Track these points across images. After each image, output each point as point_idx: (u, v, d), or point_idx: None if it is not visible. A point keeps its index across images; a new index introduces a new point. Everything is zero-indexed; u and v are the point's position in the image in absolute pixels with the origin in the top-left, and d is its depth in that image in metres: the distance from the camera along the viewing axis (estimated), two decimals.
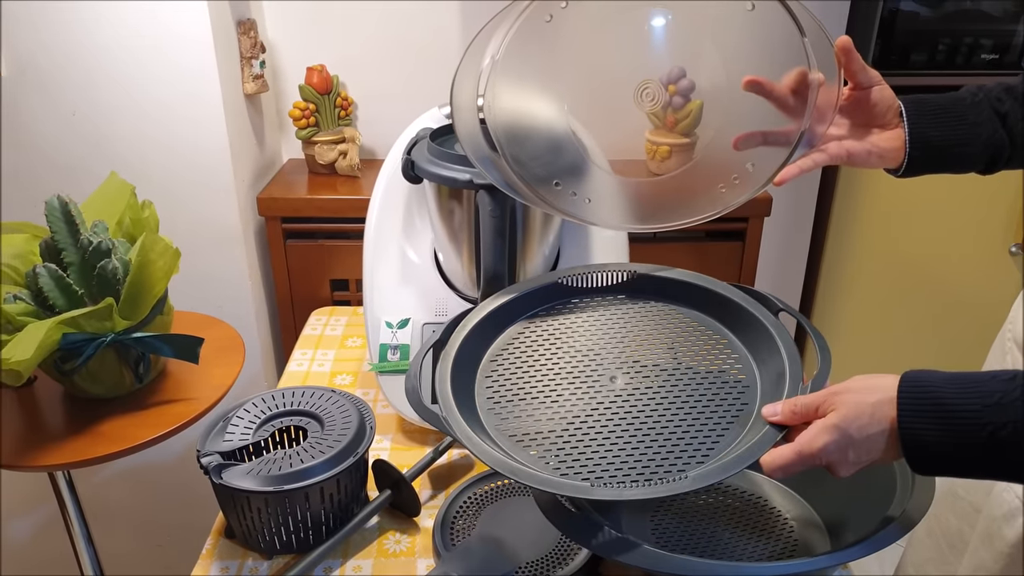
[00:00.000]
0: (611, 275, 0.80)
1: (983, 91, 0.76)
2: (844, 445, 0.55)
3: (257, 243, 1.44)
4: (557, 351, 0.73)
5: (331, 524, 0.78)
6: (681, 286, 0.78)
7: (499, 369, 0.72)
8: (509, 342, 0.75)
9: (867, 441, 0.55)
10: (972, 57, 1.55)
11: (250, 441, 0.79)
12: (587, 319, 0.77)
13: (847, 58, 0.73)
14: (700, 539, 0.72)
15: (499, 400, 0.69)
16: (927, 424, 0.53)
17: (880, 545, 0.59)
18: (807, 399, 0.59)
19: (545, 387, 0.70)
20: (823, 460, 0.56)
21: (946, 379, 0.54)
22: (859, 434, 0.55)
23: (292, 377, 1.09)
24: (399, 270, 1.00)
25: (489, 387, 0.71)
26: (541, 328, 0.76)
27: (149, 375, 1.01)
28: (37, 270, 0.89)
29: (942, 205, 1.55)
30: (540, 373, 0.71)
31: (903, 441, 0.54)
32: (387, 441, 0.96)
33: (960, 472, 0.55)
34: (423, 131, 0.97)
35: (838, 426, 0.55)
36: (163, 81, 1.25)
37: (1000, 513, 0.78)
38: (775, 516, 0.74)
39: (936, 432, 0.53)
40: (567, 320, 0.77)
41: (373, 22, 1.48)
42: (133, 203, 1.02)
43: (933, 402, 0.53)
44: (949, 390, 0.53)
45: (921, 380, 0.55)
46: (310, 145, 1.48)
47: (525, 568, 0.74)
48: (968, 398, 0.52)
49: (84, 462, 0.90)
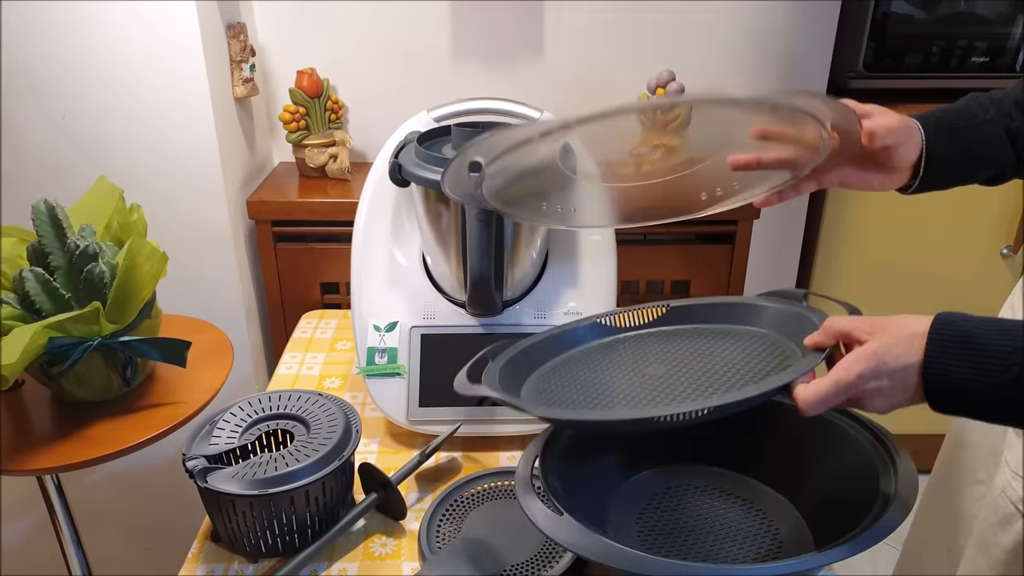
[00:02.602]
0: (647, 312, 0.83)
1: (995, 105, 0.75)
2: (880, 373, 0.55)
3: (247, 246, 1.44)
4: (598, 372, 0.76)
5: (317, 527, 0.78)
6: (711, 308, 0.80)
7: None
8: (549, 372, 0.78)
9: (902, 372, 0.55)
10: (966, 60, 1.55)
11: (236, 445, 0.79)
12: (626, 350, 0.79)
13: (870, 141, 0.71)
14: (684, 542, 0.72)
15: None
16: (954, 360, 0.54)
17: (864, 545, 0.59)
18: (846, 321, 0.59)
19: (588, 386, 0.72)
20: (859, 389, 0.56)
21: (980, 321, 0.55)
22: (895, 363, 0.55)
23: (281, 380, 1.09)
24: (387, 273, 1.00)
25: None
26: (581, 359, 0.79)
27: (137, 379, 1.01)
28: (24, 274, 0.89)
29: (934, 207, 1.56)
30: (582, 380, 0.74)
31: (926, 374, 0.54)
32: (374, 444, 0.96)
33: (978, 412, 0.55)
34: (411, 134, 0.97)
35: (876, 352, 0.55)
36: (153, 85, 1.25)
37: (996, 519, 0.78)
38: (760, 518, 0.74)
39: (962, 369, 0.53)
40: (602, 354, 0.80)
41: (364, 26, 1.48)
42: (121, 207, 1.02)
43: (963, 339, 0.54)
44: (982, 331, 0.54)
45: (955, 319, 0.55)
46: (300, 148, 1.48)
47: (510, 571, 0.74)
48: (999, 339, 0.53)
49: (72, 466, 0.90)
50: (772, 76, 1.56)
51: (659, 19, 1.50)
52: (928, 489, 0.98)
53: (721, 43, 1.53)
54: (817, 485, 0.73)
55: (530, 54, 1.52)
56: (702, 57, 1.53)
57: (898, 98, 1.62)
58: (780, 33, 1.53)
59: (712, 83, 1.55)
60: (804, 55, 1.55)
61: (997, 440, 0.82)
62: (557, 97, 1.52)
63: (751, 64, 1.55)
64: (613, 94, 1.55)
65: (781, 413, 0.76)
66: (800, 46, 1.54)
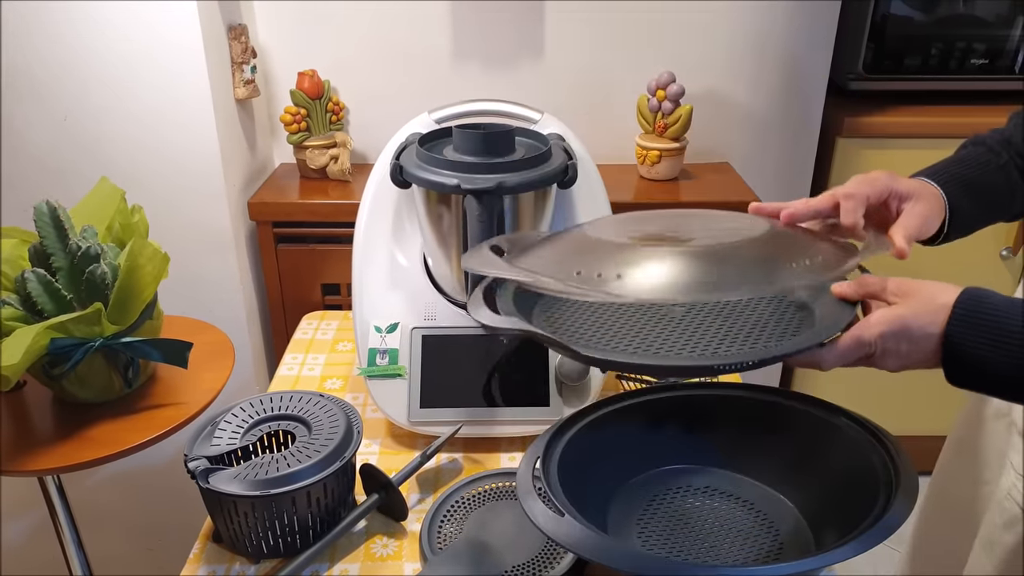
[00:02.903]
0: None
1: (1005, 147, 0.75)
2: (901, 337, 0.56)
3: (248, 248, 1.44)
4: None
5: (318, 528, 0.78)
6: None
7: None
8: None
9: (923, 339, 0.56)
10: (965, 61, 1.56)
11: (238, 445, 0.79)
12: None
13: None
14: (685, 542, 0.72)
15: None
16: (974, 333, 0.54)
17: (866, 546, 0.59)
18: (877, 279, 0.60)
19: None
20: (879, 347, 0.57)
21: (1006, 301, 0.55)
22: (919, 331, 0.56)
23: (282, 381, 1.10)
24: (388, 274, 1.00)
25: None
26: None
27: (138, 380, 1.01)
28: (26, 275, 0.90)
29: None
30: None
31: (945, 344, 0.55)
32: (376, 446, 0.96)
33: (991, 386, 0.56)
34: (412, 136, 0.97)
35: (902, 317, 0.56)
36: (154, 86, 1.26)
37: (1001, 521, 0.78)
38: (760, 518, 0.74)
39: (981, 343, 0.54)
40: None
41: (364, 27, 1.49)
42: (123, 208, 1.02)
43: (986, 314, 0.54)
44: (1004, 309, 0.54)
45: (981, 295, 0.56)
46: (301, 150, 1.48)
47: (511, 572, 0.74)
48: (1020, 317, 0.54)
49: (73, 467, 0.90)
50: (772, 77, 1.57)
51: (659, 20, 1.50)
52: (929, 490, 0.98)
53: (721, 44, 1.53)
54: (817, 485, 0.73)
55: (530, 55, 1.52)
56: (702, 58, 1.53)
57: (897, 99, 1.63)
58: (780, 34, 1.53)
59: (711, 85, 1.55)
60: (804, 56, 1.55)
61: (1002, 443, 0.82)
62: (557, 98, 1.52)
63: (751, 65, 1.55)
64: (613, 95, 1.55)
65: (781, 413, 0.77)
66: (800, 47, 1.54)
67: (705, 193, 1.45)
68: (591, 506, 0.70)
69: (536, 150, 0.93)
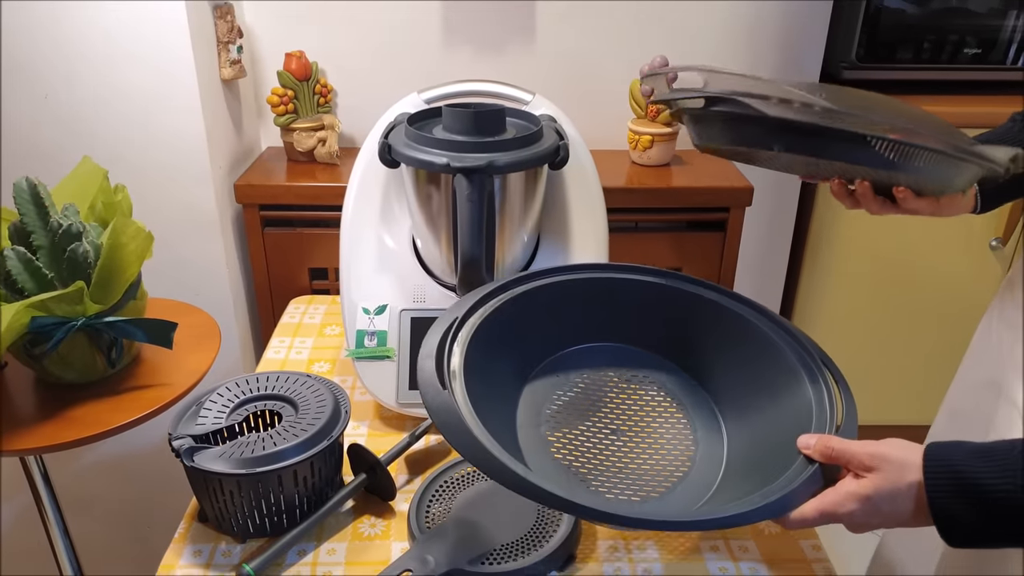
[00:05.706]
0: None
1: None
2: (871, 514, 0.57)
3: (235, 231, 1.43)
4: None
5: (305, 507, 0.77)
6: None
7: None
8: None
9: (894, 515, 0.56)
10: (957, 52, 1.57)
11: (223, 425, 0.78)
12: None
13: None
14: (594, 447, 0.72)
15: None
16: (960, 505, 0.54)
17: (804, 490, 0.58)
18: (843, 446, 0.59)
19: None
20: (846, 522, 0.58)
21: (971, 454, 0.55)
22: (888, 508, 0.56)
23: (269, 364, 1.08)
24: (377, 256, 0.99)
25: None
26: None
27: (122, 360, 1.00)
28: (5, 253, 0.88)
29: None
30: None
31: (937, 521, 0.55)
32: (364, 427, 0.95)
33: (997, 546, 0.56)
34: (401, 116, 0.96)
35: (871, 499, 0.56)
36: (138, 65, 1.23)
37: None
38: (682, 426, 0.74)
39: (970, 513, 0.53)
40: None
41: (353, 8, 1.47)
42: (105, 187, 1.00)
43: (963, 483, 0.54)
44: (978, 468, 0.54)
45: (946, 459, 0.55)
46: (288, 132, 1.46)
47: (500, 550, 0.74)
48: (999, 476, 0.53)
49: (56, 446, 0.88)
50: (766, 64, 1.56)
51: (652, 5, 1.49)
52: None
53: (715, 29, 1.52)
54: (744, 396, 0.74)
55: (522, 39, 1.51)
56: (695, 43, 1.52)
57: (890, 89, 1.63)
58: (774, 21, 1.53)
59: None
60: (798, 44, 1.55)
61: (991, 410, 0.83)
62: (549, 83, 1.51)
63: (745, 51, 1.55)
64: (605, 78, 1.54)
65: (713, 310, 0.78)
66: (794, 35, 1.54)
67: (697, 179, 1.44)
68: (499, 385, 0.70)
69: (527, 130, 0.92)
